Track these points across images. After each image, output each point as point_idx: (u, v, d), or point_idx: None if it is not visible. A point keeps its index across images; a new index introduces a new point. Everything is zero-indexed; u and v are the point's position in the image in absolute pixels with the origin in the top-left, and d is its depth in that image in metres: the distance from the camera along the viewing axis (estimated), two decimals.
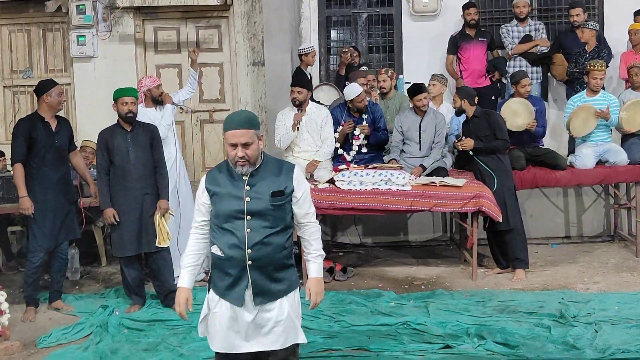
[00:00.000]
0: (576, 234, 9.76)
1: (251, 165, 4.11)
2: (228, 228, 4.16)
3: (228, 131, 4.08)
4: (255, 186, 4.14)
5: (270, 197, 4.12)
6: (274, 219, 4.15)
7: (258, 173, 4.16)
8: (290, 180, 4.20)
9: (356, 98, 8.36)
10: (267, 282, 4.20)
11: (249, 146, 4.05)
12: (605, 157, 8.61)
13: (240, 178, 4.15)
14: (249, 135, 4.05)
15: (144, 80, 8.06)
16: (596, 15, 10.25)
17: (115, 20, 10.27)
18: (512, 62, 9.82)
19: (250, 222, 4.12)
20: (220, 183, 4.20)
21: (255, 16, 10.20)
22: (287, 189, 4.18)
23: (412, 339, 6.06)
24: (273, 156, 4.37)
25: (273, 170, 4.21)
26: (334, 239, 9.91)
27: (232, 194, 4.15)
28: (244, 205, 4.11)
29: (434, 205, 7.77)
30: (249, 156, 4.07)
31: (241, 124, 4.06)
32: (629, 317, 6.38)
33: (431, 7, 10.31)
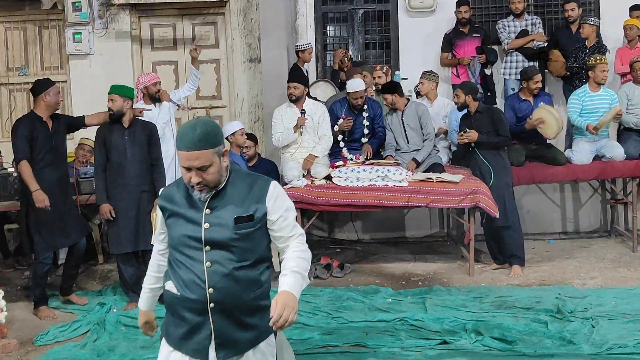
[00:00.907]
0: (573, 229, 9.78)
1: (211, 189, 3.39)
2: (184, 260, 3.45)
3: (180, 151, 3.34)
4: (216, 209, 3.41)
5: (234, 223, 3.38)
6: (241, 250, 3.41)
7: (222, 193, 3.44)
8: (262, 200, 3.43)
9: (352, 93, 8.37)
10: (234, 330, 3.46)
11: (207, 169, 3.32)
12: (602, 152, 8.61)
13: (201, 198, 3.45)
14: (205, 157, 3.29)
15: (141, 78, 8.06)
16: (592, 11, 10.25)
17: (111, 17, 10.24)
18: (509, 58, 9.82)
19: (210, 254, 3.40)
20: (176, 202, 3.50)
21: (252, 13, 10.19)
22: (258, 212, 3.43)
23: (409, 335, 6.07)
24: (244, 170, 3.69)
25: (242, 188, 3.46)
26: (331, 236, 9.92)
27: (188, 217, 3.44)
28: (201, 233, 3.40)
29: (431, 201, 7.78)
30: (207, 181, 3.35)
31: (194, 143, 3.28)
32: (626, 312, 6.40)
33: (427, 3, 10.31)
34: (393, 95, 8.43)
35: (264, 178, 3.54)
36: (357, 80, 8.52)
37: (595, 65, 8.51)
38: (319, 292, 7.36)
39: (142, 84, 7.93)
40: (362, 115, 8.53)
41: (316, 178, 8.02)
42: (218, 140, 3.37)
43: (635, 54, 9.10)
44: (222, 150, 3.39)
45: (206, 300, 3.39)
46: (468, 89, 8.08)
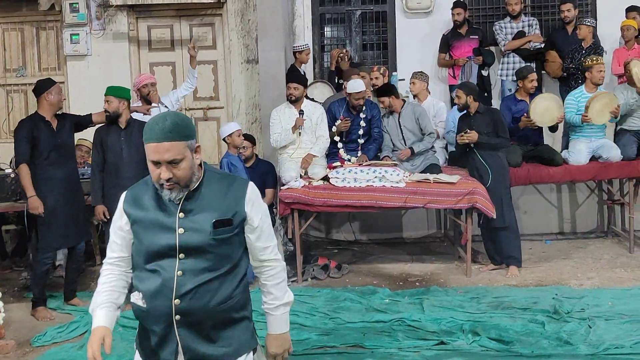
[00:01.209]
0: (570, 230, 9.80)
1: (182, 188, 3.12)
2: (153, 269, 3.17)
3: (148, 143, 3.07)
4: (192, 213, 3.16)
5: (212, 228, 3.13)
6: (218, 257, 3.17)
7: (197, 194, 3.18)
8: (241, 202, 3.21)
9: (354, 94, 8.37)
10: (203, 344, 3.20)
11: (178, 164, 3.06)
12: (599, 152, 8.62)
13: (172, 201, 3.17)
14: (176, 150, 3.04)
15: (135, 79, 8.09)
16: (589, 12, 10.27)
17: (108, 18, 10.25)
18: (506, 59, 9.84)
19: (183, 262, 3.13)
20: (144, 206, 3.21)
21: (249, 14, 10.20)
22: (237, 215, 3.19)
23: (406, 335, 6.07)
24: (218, 170, 3.39)
25: (218, 190, 3.21)
26: (328, 236, 9.93)
27: (160, 222, 3.16)
28: (176, 239, 3.13)
29: (428, 202, 7.79)
30: (178, 177, 3.08)
31: (165, 133, 3.03)
32: (623, 313, 6.41)
33: (424, 4, 10.32)
34: (390, 98, 8.45)
35: (240, 179, 3.33)
36: (357, 81, 8.53)
37: (592, 66, 8.52)
38: (317, 292, 7.37)
39: (135, 85, 7.96)
40: (360, 116, 8.54)
41: (313, 179, 8.03)
42: (190, 134, 3.12)
43: (632, 55, 9.11)
44: (194, 145, 3.14)
45: (171, 311, 3.13)
46: (469, 89, 8.07)
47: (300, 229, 8.00)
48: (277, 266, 3.39)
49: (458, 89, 8.16)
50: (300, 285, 7.79)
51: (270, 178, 8.37)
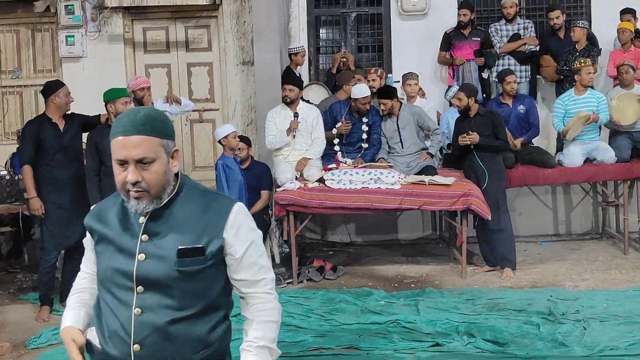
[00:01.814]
0: (565, 231, 9.81)
1: (152, 198, 2.55)
2: (110, 303, 2.64)
3: (114, 138, 2.54)
4: (157, 236, 2.59)
5: (175, 257, 2.56)
6: (185, 294, 2.58)
7: (167, 212, 2.61)
8: (219, 229, 2.60)
9: (361, 99, 8.36)
10: None
11: (149, 165, 2.52)
12: (593, 155, 8.64)
13: (136, 219, 2.62)
14: (148, 146, 2.51)
15: (130, 82, 8.11)
16: (584, 14, 10.29)
17: (104, 20, 10.24)
18: (501, 61, 9.85)
19: (142, 298, 2.58)
20: (108, 222, 2.69)
21: (245, 16, 10.20)
22: (211, 244, 2.60)
23: (402, 337, 6.08)
24: (199, 185, 2.79)
25: (194, 210, 2.63)
26: (324, 238, 9.93)
27: (120, 244, 2.63)
28: (133, 267, 2.58)
29: (423, 204, 7.80)
30: (148, 183, 2.52)
31: (135, 126, 2.51)
32: (617, 314, 6.42)
33: (420, 6, 10.34)
34: (393, 101, 8.44)
35: (225, 199, 2.75)
36: (362, 86, 8.52)
37: (580, 69, 8.56)
38: (312, 294, 7.37)
39: (130, 87, 7.96)
40: (362, 121, 8.53)
41: (309, 181, 8.03)
42: (167, 132, 2.59)
43: (628, 57, 9.15)
44: (171, 147, 2.60)
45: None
46: (470, 91, 8.07)
47: (295, 230, 8.00)
48: (268, 298, 2.72)
49: (459, 91, 8.14)
50: (295, 287, 7.80)
51: (266, 180, 8.37)
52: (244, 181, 7.65)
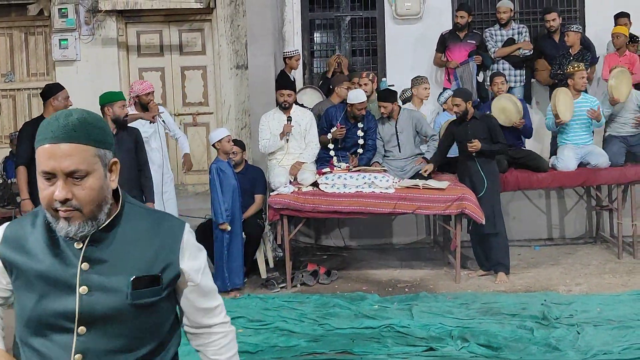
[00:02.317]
0: (558, 235, 9.81)
1: (86, 218, 2.13)
2: (40, 348, 2.19)
3: (40, 145, 2.11)
4: (102, 264, 2.18)
5: (129, 288, 2.18)
6: (138, 332, 2.23)
7: (110, 236, 2.21)
8: (173, 254, 2.28)
9: (357, 104, 8.35)
10: None
11: (82, 180, 2.10)
12: (587, 159, 8.64)
13: (70, 245, 2.18)
14: (81, 156, 2.09)
15: (135, 85, 8.03)
16: (577, 18, 10.31)
17: (97, 23, 10.25)
18: (496, 65, 9.86)
19: (84, 340, 2.17)
20: (30, 250, 2.20)
21: (239, 19, 10.20)
22: (168, 270, 2.26)
23: (395, 341, 6.07)
24: (140, 203, 2.39)
25: (143, 230, 2.27)
26: (317, 242, 9.91)
27: (52, 276, 2.17)
28: (75, 303, 2.15)
29: (417, 208, 7.80)
30: (81, 200, 2.10)
31: (66, 131, 2.09)
32: (611, 319, 6.42)
33: (414, 10, 10.35)
34: (393, 104, 8.43)
35: (172, 219, 2.38)
36: (360, 92, 8.51)
37: (573, 73, 8.57)
38: (306, 299, 7.35)
39: (135, 92, 7.91)
40: (357, 126, 8.52)
41: (303, 185, 8.02)
42: (105, 140, 2.17)
43: (623, 62, 9.17)
44: (109, 158, 2.19)
45: None
46: (467, 95, 8.03)
47: (289, 234, 7.99)
48: (228, 332, 2.49)
49: (455, 97, 8.08)
50: (289, 291, 7.78)
51: (260, 184, 8.36)
52: (237, 185, 7.64)
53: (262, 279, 8.15)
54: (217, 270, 7.55)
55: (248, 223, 7.99)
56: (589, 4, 10.37)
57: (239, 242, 7.62)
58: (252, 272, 8.27)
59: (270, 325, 6.45)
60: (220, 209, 7.46)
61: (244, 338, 6.12)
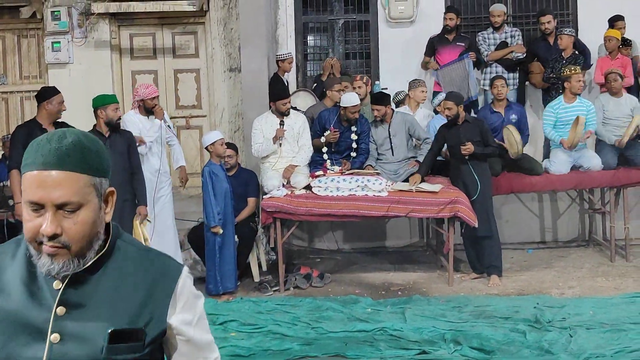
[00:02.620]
0: (551, 239, 9.83)
1: (73, 256, 1.84)
2: None
3: (27, 171, 1.84)
4: (79, 309, 1.88)
5: (106, 341, 1.86)
6: None
7: (94, 278, 1.91)
8: (164, 303, 1.96)
9: (350, 107, 8.33)
10: None
11: (74, 213, 1.83)
12: (580, 162, 8.66)
13: (49, 283, 1.88)
14: (74, 187, 1.83)
15: (140, 89, 7.97)
16: (570, 22, 10.33)
17: (90, 26, 10.22)
18: (489, 69, 9.86)
19: None
20: (5, 283, 1.93)
21: (232, 22, 10.20)
22: (154, 325, 1.93)
23: (388, 345, 6.07)
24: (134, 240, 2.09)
25: (131, 273, 1.95)
26: (311, 245, 9.91)
27: (23, 318, 1.88)
28: (43, 352, 1.85)
29: (410, 211, 7.81)
30: (71, 237, 1.83)
31: (58, 157, 1.82)
32: (604, 322, 6.43)
33: (407, 13, 10.35)
34: (386, 107, 8.43)
35: (168, 261, 2.04)
36: (353, 95, 8.49)
37: (570, 76, 8.58)
38: (299, 302, 7.35)
39: (140, 96, 7.86)
40: (351, 129, 8.50)
41: (296, 188, 8.02)
42: (101, 167, 1.90)
43: (615, 65, 9.19)
44: (105, 188, 1.92)
45: None
46: (458, 99, 8.04)
47: (282, 238, 7.98)
48: None
49: (447, 100, 8.07)
50: (282, 294, 7.78)
51: (253, 187, 8.36)
52: (230, 188, 7.63)
53: (255, 282, 8.15)
54: (208, 273, 7.55)
55: (241, 226, 7.99)
56: (582, 8, 10.39)
57: (231, 245, 7.62)
58: (245, 275, 8.27)
59: (263, 329, 6.44)
60: (213, 212, 7.45)
61: (237, 342, 6.12)
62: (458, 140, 7.89)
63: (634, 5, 9.87)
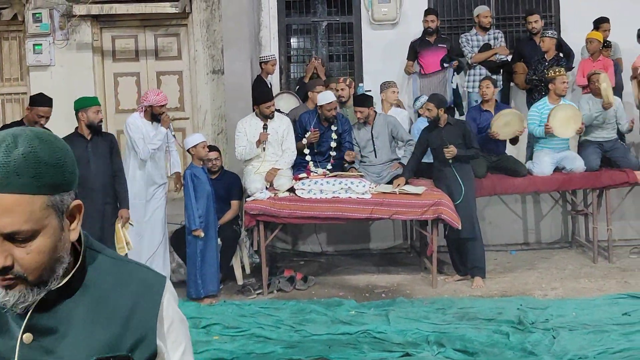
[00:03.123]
0: (534, 240, 9.85)
1: (33, 287, 1.55)
2: None
3: None
4: (50, 335, 1.60)
5: None
6: None
7: (65, 300, 1.62)
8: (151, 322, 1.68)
9: (326, 105, 8.33)
10: None
11: (28, 242, 1.53)
12: (563, 164, 8.69)
13: (13, 312, 1.58)
14: (26, 212, 1.50)
15: (150, 95, 7.83)
16: (553, 24, 10.37)
17: (72, 28, 10.17)
18: (472, 71, 9.88)
19: None
20: None
21: (215, 24, 10.17)
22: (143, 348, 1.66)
23: (372, 347, 6.06)
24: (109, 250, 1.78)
25: (107, 290, 1.67)
26: (294, 248, 9.89)
27: None
28: None
29: (394, 213, 7.80)
30: (26, 267, 1.53)
31: (6, 176, 1.49)
32: (586, 323, 6.44)
33: (390, 15, 10.36)
34: (369, 109, 8.42)
35: (148, 274, 1.77)
36: (328, 92, 8.52)
37: (555, 78, 8.60)
38: (282, 305, 7.34)
39: (149, 102, 7.74)
40: (331, 129, 8.50)
41: (279, 190, 8.00)
42: (62, 182, 1.58)
43: (597, 67, 9.23)
44: (67, 203, 1.59)
45: None
46: (439, 101, 8.04)
47: (266, 240, 7.96)
48: None
49: (428, 102, 8.09)
50: (265, 297, 7.75)
51: (236, 189, 8.33)
52: (212, 191, 7.60)
53: (238, 285, 8.12)
54: (189, 277, 7.51)
55: (224, 229, 7.96)
56: (565, 10, 10.44)
57: (213, 248, 7.58)
58: (228, 278, 8.24)
59: (247, 332, 6.42)
60: (194, 215, 7.41)
61: (220, 345, 6.09)
62: (441, 142, 7.89)
63: (616, 8, 9.90)
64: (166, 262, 7.97)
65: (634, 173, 8.66)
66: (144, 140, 7.61)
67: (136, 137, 7.59)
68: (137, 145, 7.61)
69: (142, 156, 7.62)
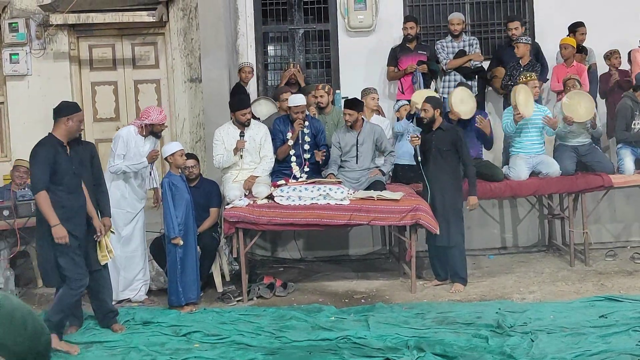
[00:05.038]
0: (512, 244, 9.94)
1: None
2: None
3: None
4: None
5: None
6: None
7: None
8: None
9: (293, 107, 8.37)
10: None
11: None
12: (539, 168, 8.77)
13: None
14: None
15: (152, 113, 7.75)
16: (527, 30, 10.46)
17: (49, 37, 10.14)
18: (447, 77, 9.95)
19: None
20: None
21: (192, 33, 10.18)
22: None
23: (352, 353, 6.07)
24: None
25: None
26: (274, 255, 9.91)
27: None
28: None
29: (372, 219, 7.83)
30: None
31: None
32: (564, 326, 6.49)
33: (366, 23, 10.42)
34: (359, 114, 8.43)
35: None
36: (298, 95, 8.58)
37: (526, 82, 8.70)
38: (262, 312, 7.34)
39: (152, 120, 7.71)
40: (304, 131, 8.52)
41: (258, 197, 8.01)
42: None
43: (571, 72, 9.32)
44: None
45: None
46: (437, 103, 8.05)
47: (245, 247, 7.96)
48: None
49: (425, 102, 8.07)
50: (245, 304, 7.75)
51: (215, 197, 8.32)
52: (190, 199, 7.59)
53: (218, 293, 8.12)
54: (170, 285, 7.50)
55: (203, 237, 7.96)
56: (539, 16, 10.53)
57: (193, 256, 7.57)
58: (208, 285, 8.24)
59: (227, 339, 6.42)
60: (173, 223, 7.40)
61: (201, 353, 6.09)
62: (430, 146, 7.93)
63: (590, 14, 10.01)
64: (146, 271, 7.97)
65: (609, 177, 8.76)
66: (124, 159, 7.60)
67: (120, 153, 7.57)
68: (114, 159, 7.61)
69: (111, 170, 7.60)
